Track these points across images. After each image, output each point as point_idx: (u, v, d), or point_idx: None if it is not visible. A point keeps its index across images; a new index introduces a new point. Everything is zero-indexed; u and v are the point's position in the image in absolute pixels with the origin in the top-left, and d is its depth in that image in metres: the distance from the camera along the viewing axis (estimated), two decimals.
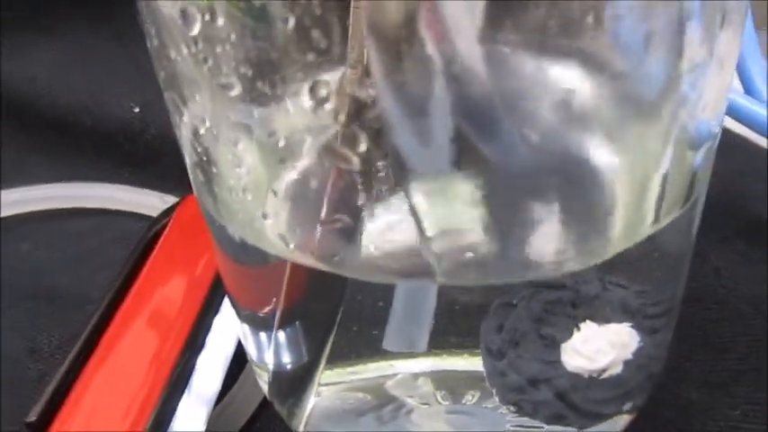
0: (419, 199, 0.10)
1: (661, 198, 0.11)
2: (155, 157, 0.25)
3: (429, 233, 0.10)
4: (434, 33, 0.10)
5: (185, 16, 0.09)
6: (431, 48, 0.10)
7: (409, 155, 0.10)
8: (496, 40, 0.11)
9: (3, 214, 0.24)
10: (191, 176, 0.13)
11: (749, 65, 0.18)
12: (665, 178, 0.11)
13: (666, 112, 0.10)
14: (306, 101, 0.09)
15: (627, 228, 0.12)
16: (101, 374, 0.17)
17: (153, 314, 0.18)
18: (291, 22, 0.09)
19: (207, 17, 0.09)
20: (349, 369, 0.16)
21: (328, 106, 0.09)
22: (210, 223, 0.13)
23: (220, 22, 0.09)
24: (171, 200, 0.24)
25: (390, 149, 0.10)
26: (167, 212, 0.22)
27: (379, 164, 0.09)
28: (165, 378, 0.16)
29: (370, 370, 0.16)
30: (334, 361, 0.15)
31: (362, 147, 0.09)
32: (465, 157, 0.11)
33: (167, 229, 0.21)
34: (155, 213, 0.23)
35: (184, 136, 0.12)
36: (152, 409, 0.16)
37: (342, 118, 0.09)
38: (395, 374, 0.16)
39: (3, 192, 0.24)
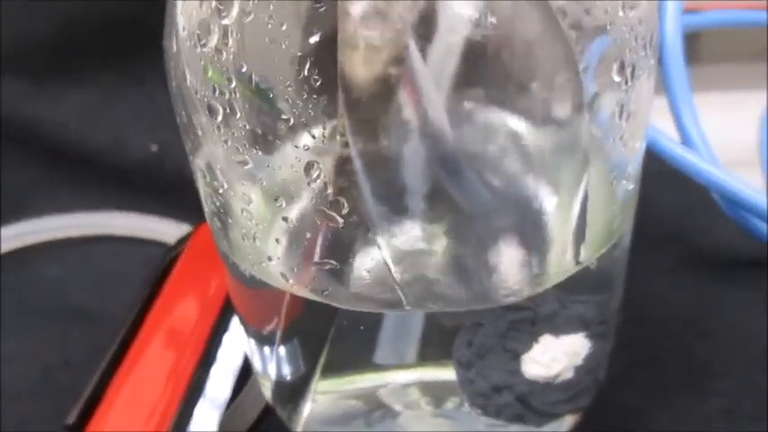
0: (393, 242, 0.13)
1: (583, 235, 0.14)
2: (170, 189, 0.27)
3: (396, 272, 0.12)
4: (412, 100, 0.13)
5: (212, 110, 0.12)
6: (408, 111, 0.12)
7: (382, 205, 0.12)
8: (459, 102, 0.13)
9: (37, 240, 0.26)
10: (209, 223, 0.15)
11: (683, 115, 0.21)
12: (585, 217, 0.13)
13: (581, 158, 0.12)
14: (300, 176, 0.12)
15: (560, 262, 0.14)
16: (128, 383, 0.19)
17: (171, 330, 0.20)
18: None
19: (227, 111, 0.12)
20: (340, 379, 0.18)
21: (318, 179, 0.12)
22: (225, 259, 0.15)
23: (238, 114, 0.12)
24: (185, 227, 0.25)
25: (367, 201, 0.12)
26: (182, 240, 0.24)
27: (357, 217, 0.12)
28: (184, 386, 0.18)
29: (358, 380, 0.18)
30: (327, 372, 0.17)
31: (345, 209, 0.12)
32: (434, 201, 0.13)
33: (182, 255, 0.23)
34: (171, 240, 0.25)
35: (205, 192, 0.14)
36: (173, 413, 0.18)
37: (329, 187, 0.11)
38: (384, 384, 0.18)
39: (37, 220, 0.26)
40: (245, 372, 0.20)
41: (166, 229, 0.26)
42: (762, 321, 0.19)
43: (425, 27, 0.11)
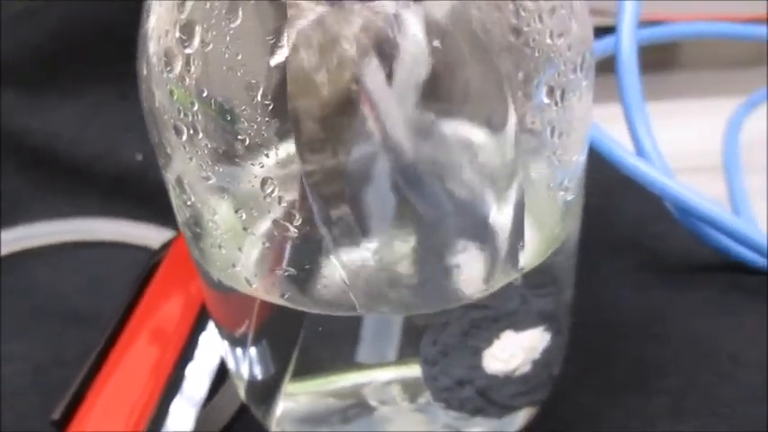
0: (344, 250, 0.14)
1: (521, 242, 0.15)
2: (154, 197, 0.27)
3: (348, 279, 0.13)
4: (372, 115, 0.13)
5: (178, 130, 0.13)
6: (353, 132, 0.13)
7: (332, 218, 0.13)
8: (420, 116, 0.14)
9: (30, 245, 0.27)
10: (182, 231, 0.16)
11: (637, 126, 0.21)
12: (522, 225, 0.14)
13: (514, 170, 0.13)
14: (258, 190, 0.13)
15: (504, 267, 0.15)
16: (111, 381, 0.20)
17: (153, 331, 0.21)
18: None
19: (191, 131, 0.13)
20: (311, 380, 0.18)
21: (274, 194, 0.13)
22: (197, 265, 0.16)
23: (200, 135, 0.13)
24: (167, 233, 0.26)
25: (316, 214, 0.13)
26: (165, 245, 0.25)
27: (310, 228, 0.13)
28: (162, 385, 0.19)
29: (329, 380, 0.18)
30: (298, 373, 0.18)
31: (298, 221, 0.13)
32: (381, 212, 0.14)
33: (164, 260, 0.24)
34: (156, 245, 0.25)
35: (176, 203, 0.15)
36: (151, 411, 0.19)
37: (283, 201, 0.12)
38: (356, 383, 0.18)
39: (30, 225, 0.27)
40: (223, 372, 0.20)
41: (151, 234, 0.27)
42: (710, 324, 0.20)
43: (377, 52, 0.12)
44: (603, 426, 0.19)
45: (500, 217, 0.14)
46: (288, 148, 0.12)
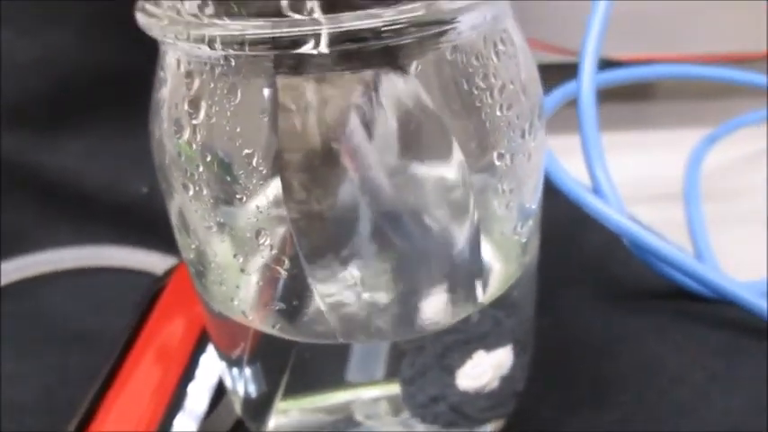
0: (325, 289, 0.16)
1: (480, 277, 0.17)
2: (158, 227, 0.27)
3: (329, 313, 0.16)
4: (353, 165, 0.16)
5: (185, 186, 0.15)
6: (352, 173, 0.15)
7: (315, 261, 0.15)
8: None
9: (40, 271, 0.28)
10: (187, 268, 0.18)
11: (595, 167, 0.24)
12: (481, 263, 0.17)
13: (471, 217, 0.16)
14: (251, 238, 0.15)
15: (465, 299, 0.17)
16: (120, 397, 0.21)
17: (157, 352, 0.23)
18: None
19: (197, 188, 0.15)
20: (301, 398, 0.20)
21: (266, 241, 0.15)
22: (200, 297, 0.19)
23: (204, 191, 0.15)
24: (170, 260, 0.28)
25: (301, 259, 0.15)
26: (169, 272, 0.26)
27: (296, 270, 0.15)
28: (167, 401, 0.21)
29: (317, 399, 0.20)
30: (288, 391, 0.19)
31: (286, 264, 0.15)
32: (357, 256, 0.16)
33: (168, 285, 0.25)
34: (159, 271, 0.27)
35: (182, 245, 0.17)
36: (157, 425, 0.20)
37: (273, 248, 0.15)
38: (342, 401, 0.20)
39: (40, 254, 0.29)
40: (220, 389, 0.22)
41: (155, 261, 0.28)
42: (658, 347, 0.22)
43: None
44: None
45: (462, 256, 0.17)
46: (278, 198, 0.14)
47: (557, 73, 0.29)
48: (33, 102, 0.29)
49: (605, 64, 0.30)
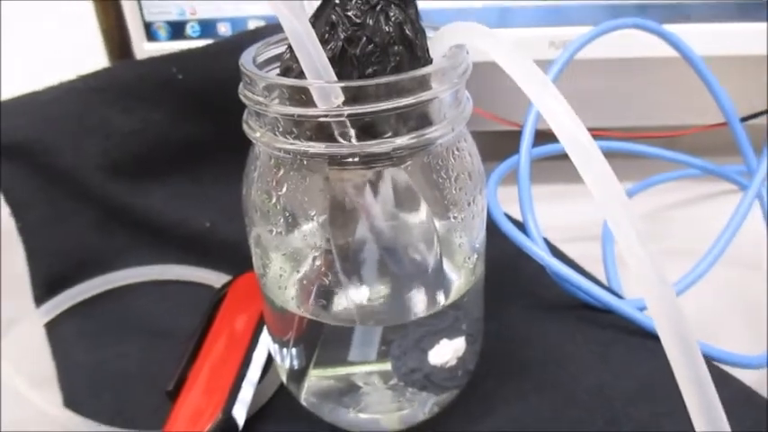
0: (353, 290, 0.26)
1: (441, 287, 0.27)
2: (217, 253, 0.37)
3: (354, 305, 0.25)
4: (364, 213, 0.25)
5: (269, 230, 0.25)
6: (364, 218, 0.25)
7: (355, 271, 0.25)
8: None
9: (129, 282, 0.37)
10: (256, 272, 0.28)
11: (526, 214, 0.34)
12: (442, 278, 0.26)
13: (437, 251, 0.26)
14: (305, 259, 0.25)
15: (432, 301, 0.27)
16: (203, 368, 0.30)
17: (227, 338, 0.32)
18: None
19: (274, 230, 0.25)
20: (325, 368, 0.28)
21: (315, 258, 0.25)
22: (265, 297, 0.28)
23: (276, 232, 0.25)
24: (225, 277, 0.37)
25: (339, 271, 0.25)
26: (225, 285, 0.35)
27: (333, 277, 0.25)
28: (235, 371, 0.30)
29: (337, 369, 0.28)
30: (317, 364, 0.28)
31: (329, 275, 0.25)
32: (373, 271, 0.26)
33: (227, 294, 0.34)
34: (217, 285, 0.36)
35: (256, 263, 0.27)
36: (230, 387, 0.29)
37: (318, 260, 0.25)
38: (353, 372, 0.28)
39: (128, 270, 0.37)
40: (268, 362, 0.31)
41: (212, 277, 0.37)
42: (566, 340, 0.32)
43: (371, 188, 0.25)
44: (498, 401, 0.30)
45: (431, 274, 0.27)
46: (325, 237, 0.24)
47: (507, 138, 0.39)
48: (131, 160, 0.38)
49: (543, 135, 0.40)
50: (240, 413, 0.29)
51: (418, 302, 0.27)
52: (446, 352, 0.28)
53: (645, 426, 0.26)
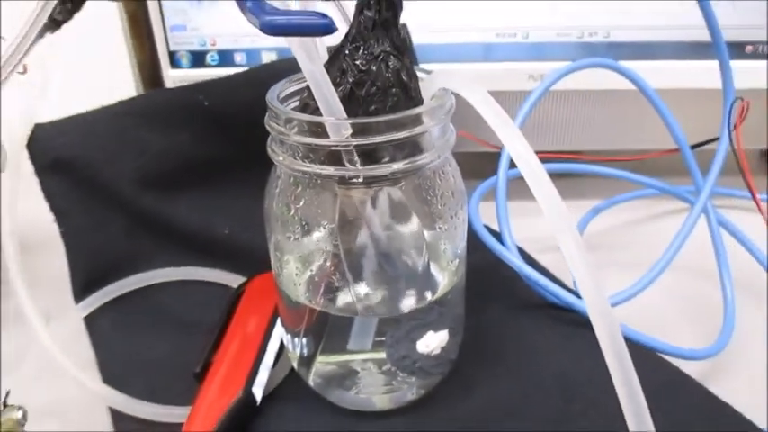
0: (356, 287, 0.31)
1: (429, 285, 0.32)
2: (235, 257, 0.42)
3: (356, 299, 0.30)
4: (366, 223, 0.30)
5: (286, 236, 0.30)
6: (366, 228, 0.30)
7: (358, 271, 0.30)
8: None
9: (160, 281, 0.42)
10: (273, 273, 0.33)
11: (502, 227, 0.39)
12: (429, 277, 0.32)
13: (424, 256, 0.31)
14: (316, 260, 0.30)
15: (421, 297, 0.32)
16: (226, 354, 0.34)
17: (245, 328, 0.36)
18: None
19: (291, 236, 0.30)
20: (330, 355, 0.33)
21: (327, 263, 0.30)
22: (278, 289, 0.33)
23: (293, 238, 0.30)
24: (241, 278, 0.41)
25: (345, 270, 0.30)
26: (241, 285, 0.40)
27: (340, 275, 0.30)
28: (253, 357, 0.34)
29: (338, 356, 0.33)
30: (323, 351, 0.32)
31: (336, 273, 0.30)
32: (373, 272, 0.31)
33: (244, 292, 0.39)
34: (234, 284, 0.41)
35: (274, 264, 0.32)
36: (249, 370, 0.33)
37: (328, 261, 0.30)
38: (352, 359, 0.32)
39: (158, 270, 0.42)
40: (280, 349, 0.36)
41: (230, 278, 0.42)
42: (536, 333, 0.37)
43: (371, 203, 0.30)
44: (475, 385, 0.34)
45: (420, 275, 0.32)
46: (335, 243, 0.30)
47: (490, 158, 0.44)
48: (160, 175, 0.42)
49: None
50: (258, 392, 0.33)
51: (409, 298, 0.32)
52: (432, 342, 0.33)
53: (595, 402, 0.31)
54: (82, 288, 0.41)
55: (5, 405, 0.29)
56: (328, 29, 0.23)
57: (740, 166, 0.37)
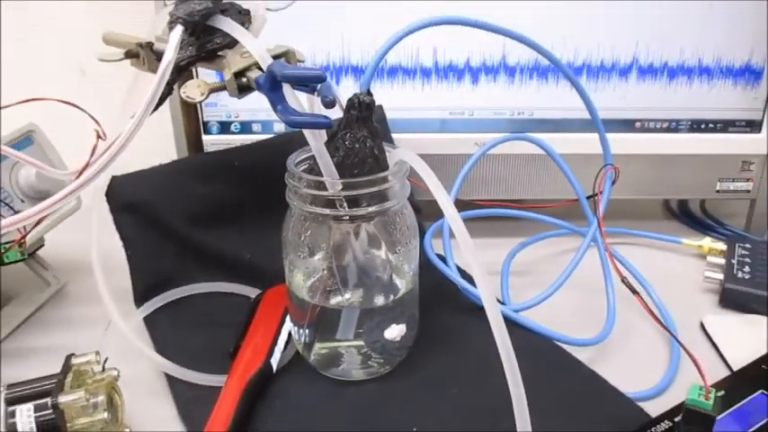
0: (345, 290, 0.44)
1: (392, 289, 0.45)
2: (254, 275, 0.54)
3: (345, 296, 0.44)
4: (350, 248, 0.44)
5: (298, 255, 0.44)
6: (351, 250, 0.44)
7: (345, 280, 0.44)
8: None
9: (200, 291, 0.54)
10: (286, 279, 0.47)
11: (447, 255, 0.53)
12: (393, 282, 0.45)
13: (389, 270, 0.45)
14: (318, 271, 0.44)
15: (386, 296, 0.46)
16: (251, 340, 0.47)
17: (263, 323, 0.49)
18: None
19: (301, 255, 0.44)
20: (323, 342, 0.46)
21: (323, 270, 0.44)
22: (290, 294, 0.47)
23: (302, 256, 0.44)
24: (257, 291, 0.54)
25: (337, 280, 0.44)
26: (258, 296, 0.53)
27: (333, 282, 0.44)
28: (270, 342, 0.47)
29: (330, 343, 0.45)
30: (319, 339, 0.45)
31: (331, 280, 0.44)
32: (356, 281, 0.45)
33: (262, 299, 0.52)
34: (253, 295, 0.53)
35: (287, 273, 0.46)
36: (267, 350, 0.46)
37: (325, 271, 0.44)
38: (339, 345, 0.45)
39: (201, 284, 0.54)
40: (288, 339, 0.48)
41: (249, 291, 0.55)
42: (469, 328, 0.50)
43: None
44: (427, 362, 0.47)
45: (386, 282, 0.46)
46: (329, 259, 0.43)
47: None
48: (202, 214, 0.55)
49: (465, 204, 0.60)
50: (274, 365, 0.47)
51: (378, 298, 0.45)
52: (395, 332, 0.46)
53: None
54: (140, 297, 0.54)
55: (104, 369, 0.42)
56: (328, 125, 0.38)
57: (596, 209, 0.52)
